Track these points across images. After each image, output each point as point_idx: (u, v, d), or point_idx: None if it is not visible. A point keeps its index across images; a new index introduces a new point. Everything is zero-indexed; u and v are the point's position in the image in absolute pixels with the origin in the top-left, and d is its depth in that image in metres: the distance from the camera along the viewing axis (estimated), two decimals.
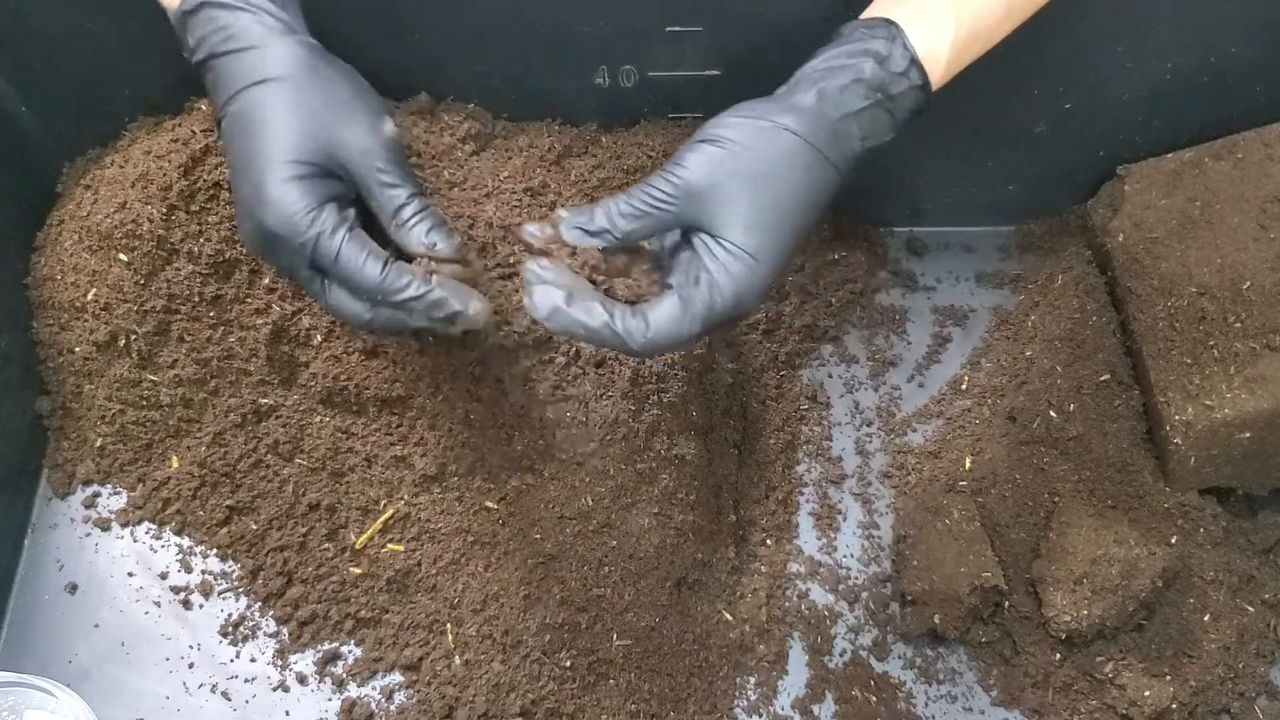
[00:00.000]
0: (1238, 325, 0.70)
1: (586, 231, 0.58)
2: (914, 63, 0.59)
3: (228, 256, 0.68)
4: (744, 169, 0.57)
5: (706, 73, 0.74)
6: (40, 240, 0.75)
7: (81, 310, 0.70)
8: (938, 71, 0.60)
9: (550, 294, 0.56)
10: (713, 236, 0.57)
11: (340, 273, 0.56)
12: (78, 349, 0.71)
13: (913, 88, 0.59)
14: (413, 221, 0.58)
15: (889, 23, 0.60)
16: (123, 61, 0.71)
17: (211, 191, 0.68)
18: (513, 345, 0.68)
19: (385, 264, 0.56)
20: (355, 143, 0.57)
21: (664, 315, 0.56)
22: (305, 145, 0.56)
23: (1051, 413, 0.75)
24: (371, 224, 0.59)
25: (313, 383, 0.70)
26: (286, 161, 0.55)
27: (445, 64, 0.74)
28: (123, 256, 0.68)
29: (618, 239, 0.58)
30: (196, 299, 0.69)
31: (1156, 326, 0.74)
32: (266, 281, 0.69)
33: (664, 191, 0.57)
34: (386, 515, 0.71)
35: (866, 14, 0.62)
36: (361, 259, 0.55)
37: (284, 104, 0.56)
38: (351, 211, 0.57)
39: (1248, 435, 0.69)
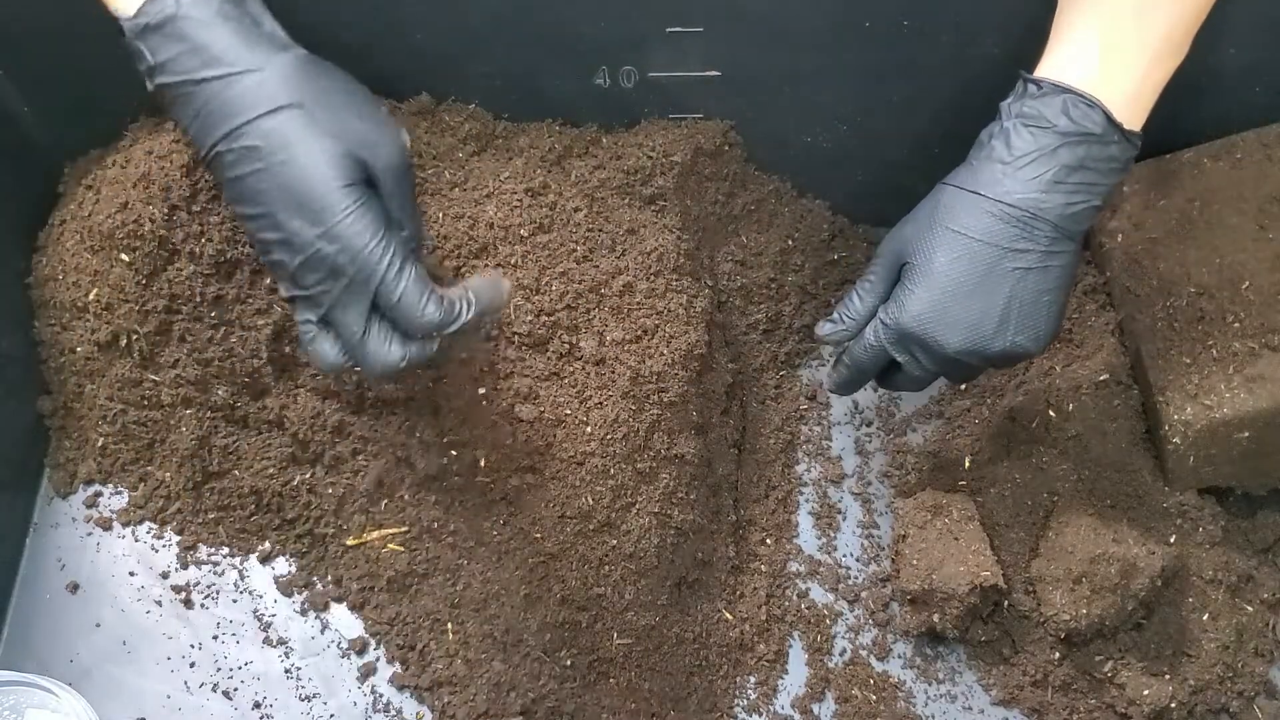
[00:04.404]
0: (1236, 325, 0.70)
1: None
2: (1124, 134, 0.60)
3: (229, 257, 0.68)
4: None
5: (706, 73, 0.74)
6: (42, 240, 0.75)
7: (83, 310, 0.70)
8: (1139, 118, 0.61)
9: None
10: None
11: (400, 311, 0.53)
12: (79, 349, 0.71)
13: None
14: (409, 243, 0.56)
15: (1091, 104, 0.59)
16: (124, 61, 0.71)
17: (213, 192, 0.68)
18: (513, 345, 0.69)
19: (440, 302, 0.54)
20: (385, 159, 0.55)
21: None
22: (352, 168, 0.53)
23: (1050, 412, 0.75)
24: None
25: (313, 383, 0.70)
26: (343, 187, 0.52)
27: (446, 64, 0.74)
28: (124, 256, 0.68)
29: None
30: (198, 299, 0.69)
31: (1155, 326, 0.74)
32: (268, 282, 0.69)
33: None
34: (386, 516, 0.71)
35: (1053, 69, 0.61)
36: (424, 299, 0.53)
37: (315, 130, 0.53)
38: (404, 235, 0.55)
39: (1246, 435, 0.70)
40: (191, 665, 0.71)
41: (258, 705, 0.70)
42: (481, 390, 0.68)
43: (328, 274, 0.53)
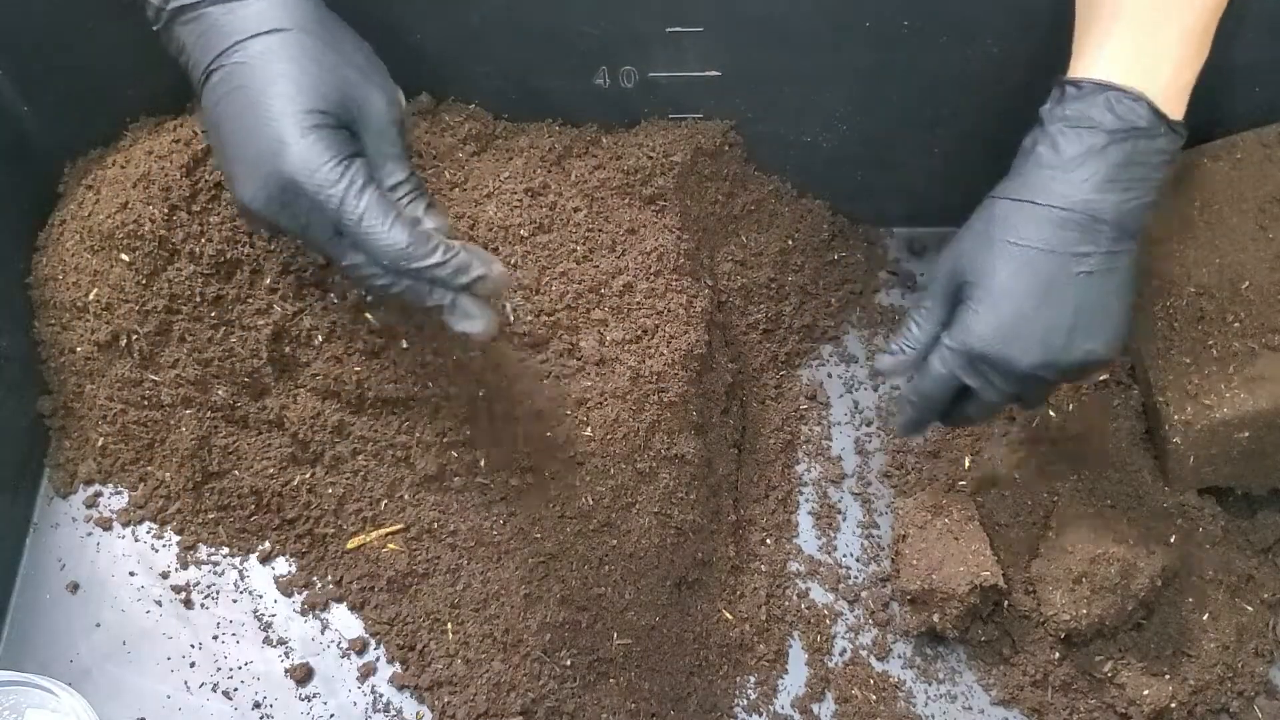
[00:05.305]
0: (1236, 325, 0.70)
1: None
2: (1170, 125, 0.58)
3: (229, 257, 0.68)
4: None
5: (706, 73, 0.74)
6: (42, 240, 0.75)
7: (83, 310, 0.70)
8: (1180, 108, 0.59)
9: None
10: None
11: (362, 235, 0.52)
12: (79, 349, 0.71)
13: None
14: (407, 200, 0.55)
15: (1137, 99, 0.58)
16: (124, 61, 0.71)
17: (213, 192, 0.68)
18: (513, 345, 0.69)
19: (411, 228, 0.52)
20: (374, 106, 0.55)
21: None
22: (327, 97, 0.53)
23: (1050, 412, 0.75)
24: None
25: (313, 383, 0.70)
26: (309, 110, 0.52)
27: (446, 64, 0.74)
28: (124, 256, 0.68)
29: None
30: (198, 299, 0.69)
31: (1155, 326, 0.74)
32: (268, 282, 0.69)
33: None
34: (386, 516, 0.71)
35: (1089, 68, 0.60)
36: (388, 221, 0.52)
37: (300, 55, 0.53)
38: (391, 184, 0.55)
39: (1246, 435, 0.70)
40: (191, 665, 0.71)
41: (258, 705, 0.70)
42: (481, 390, 0.68)
43: (290, 196, 0.52)
